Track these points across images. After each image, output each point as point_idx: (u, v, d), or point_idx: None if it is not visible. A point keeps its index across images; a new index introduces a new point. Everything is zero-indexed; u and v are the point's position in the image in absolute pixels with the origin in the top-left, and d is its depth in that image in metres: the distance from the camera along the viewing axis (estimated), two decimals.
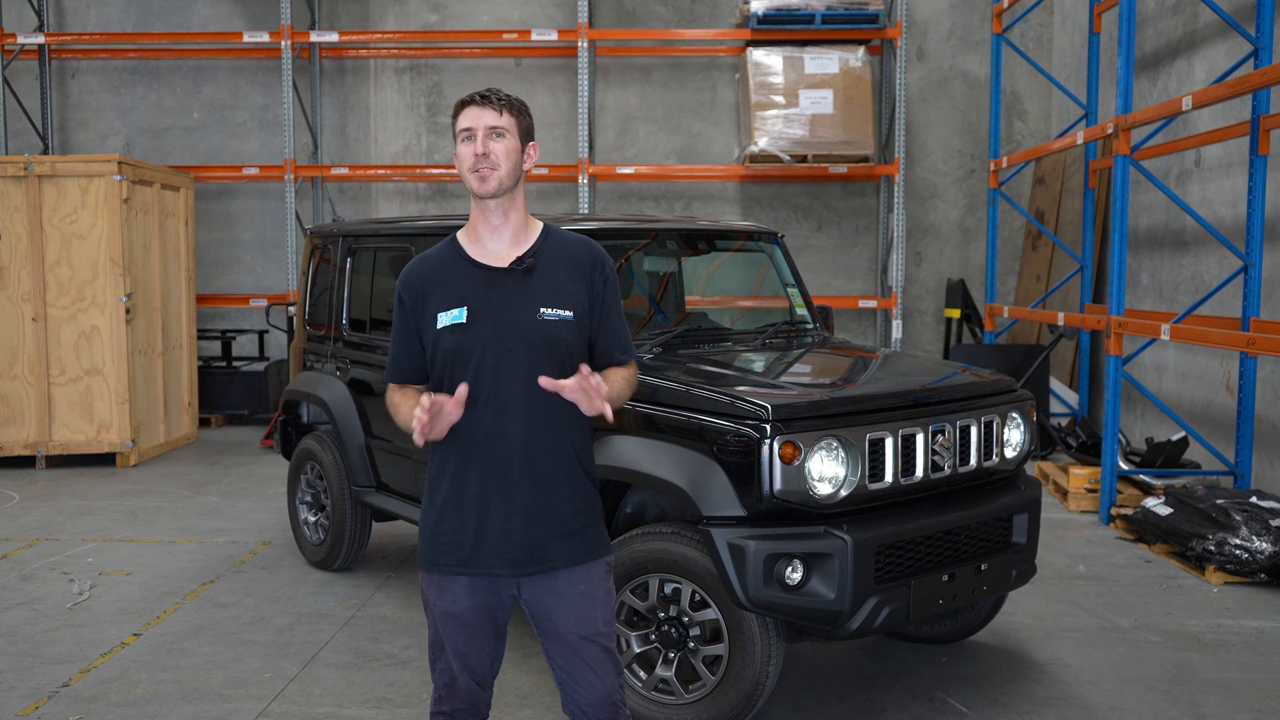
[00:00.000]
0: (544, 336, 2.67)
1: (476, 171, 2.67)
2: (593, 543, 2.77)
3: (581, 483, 2.77)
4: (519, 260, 2.72)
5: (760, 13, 9.88)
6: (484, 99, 2.69)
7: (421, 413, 2.50)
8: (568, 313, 2.70)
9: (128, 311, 8.52)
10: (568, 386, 2.51)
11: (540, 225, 2.81)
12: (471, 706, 2.82)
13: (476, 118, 2.68)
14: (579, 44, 10.26)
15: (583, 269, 2.76)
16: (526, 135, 2.74)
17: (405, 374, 2.78)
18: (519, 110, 2.73)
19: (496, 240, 2.74)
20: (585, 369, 2.52)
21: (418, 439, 2.51)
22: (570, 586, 2.72)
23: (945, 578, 3.83)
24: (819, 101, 9.86)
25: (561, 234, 2.82)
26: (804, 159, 9.86)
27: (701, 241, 5.33)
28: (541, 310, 2.68)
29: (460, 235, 2.80)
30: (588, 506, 2.78)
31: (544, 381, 2.53)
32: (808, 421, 3.64)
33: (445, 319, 2.69)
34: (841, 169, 10.01)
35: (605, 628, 2.76)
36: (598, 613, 2.75)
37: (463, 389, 2.56)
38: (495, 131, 2.68)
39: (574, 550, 2.73)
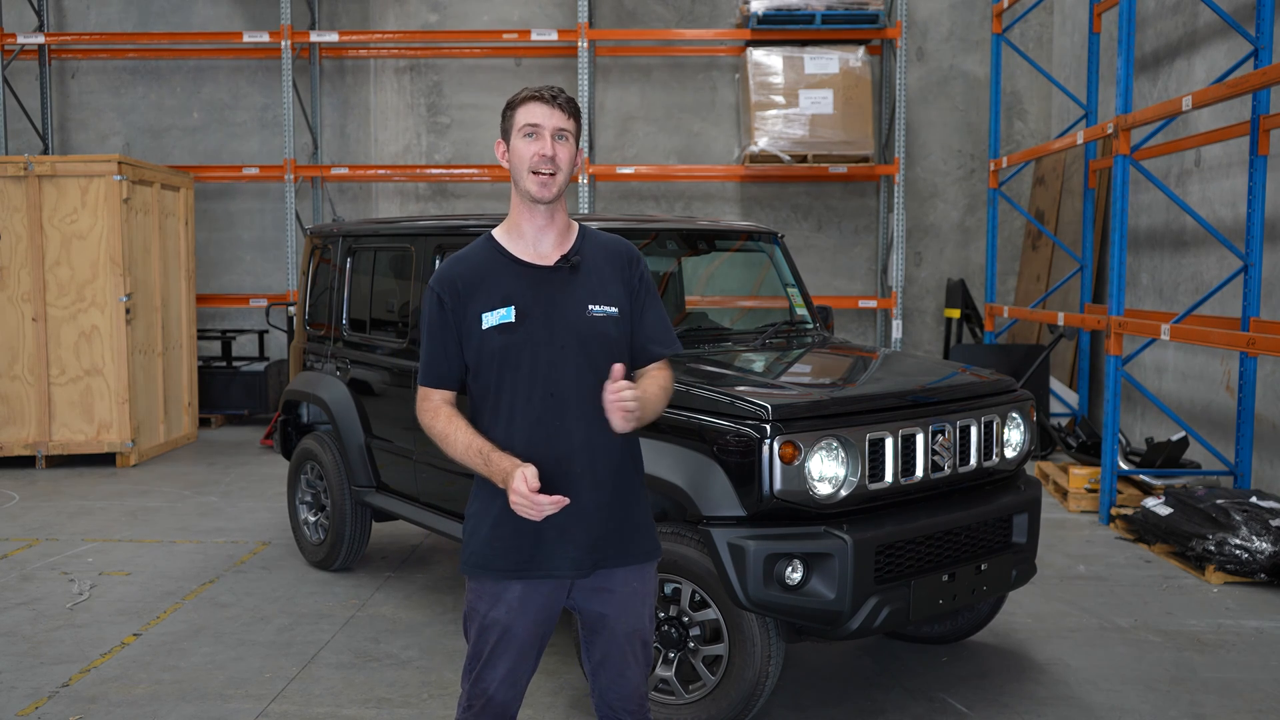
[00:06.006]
0: (594, 333, 2.67)
1: (538, 174, 2.63)
2: (647, 542, 2.77)
3: (636, 480, 2.77)
4: (565, 258, 2.70)
5: (760, 13, 9.88)
6: (553, 98, 2.65)
7: (525, 502, 2.49)
8: (613, 309, 2.71)
9: (128, 311, 8.52)
10: (613, 393, 2.51)
11: (577, 225, 2.80)
12: (501, 717, 2.76)
13: (546, 116, 2.64)
14: (579, 44, 10.26)
15: (621, 266, 2.77)
16: (579, 139, 2.72)
17: (443, 378, 2.73)
18: (579, 115, 2.71)
19: (543, 240, 2.71)
20: (613, 386, 2.51)
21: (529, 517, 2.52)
22: (625, 585, 2.73)
23: (945, 578, 3.83)
24: (819, 101, 9.86)
25: (596, 233, 2.82)
26: (804, 159, 9.86)
27: (701, 241, 5.33)
28: (590, 307, 2.68)
29: (498, 234, 2.76)
30: (642, 504, 2.78)
31: (616, 372, 2.52)
32: (808, 421, 3.64)
33: (491, 319, 2.65)
34: (841, 169, 10.01)
35: (650, 623, 2.79)
36: (646, 610, 2.77)
37: (533, 475, 2.52)
38: (561, 134, 2.64)
39: (631, 550, 2.73)
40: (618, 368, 2.54)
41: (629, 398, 2.51)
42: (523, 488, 2.49)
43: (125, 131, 11.48)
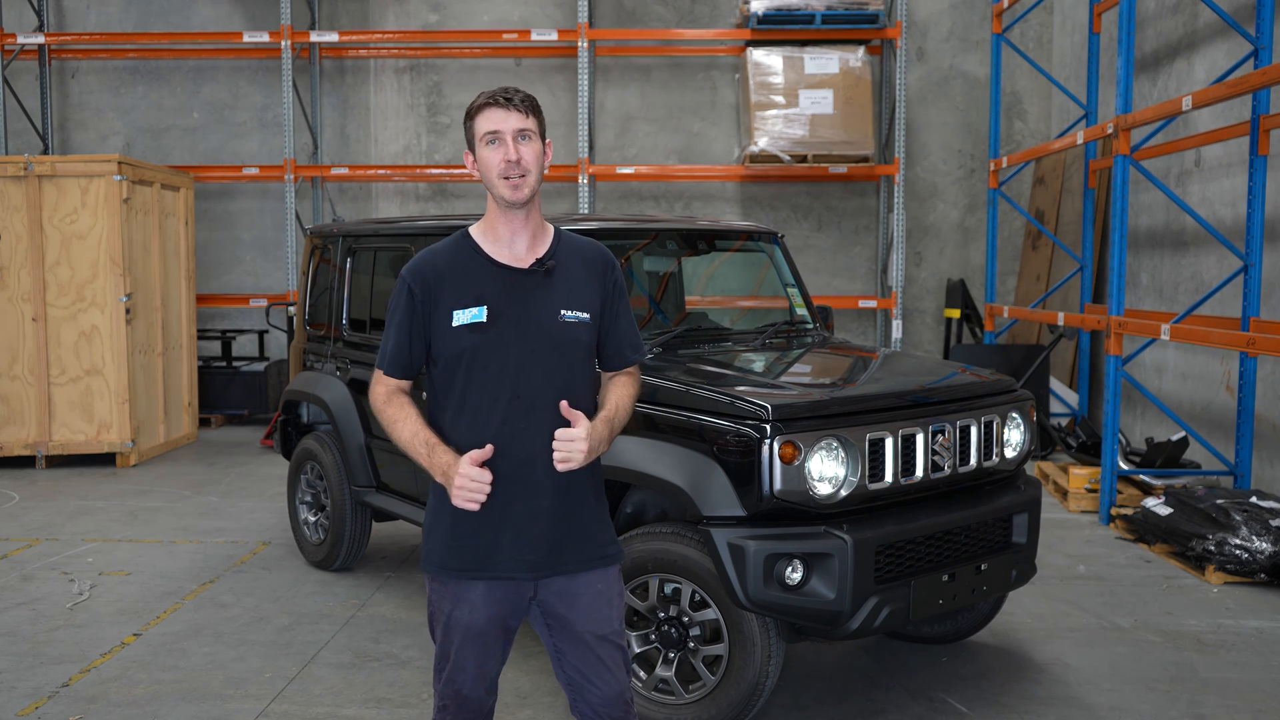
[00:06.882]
0: (565, 338, 2.68)
1: (508, 179, 2.63)
2: (608, 545, 2.79)
3: (598, 485, 2.79)
4: (540, 261, 2.71)
5: (760, 13, 9.87)
6: (507, 100, 2.64)
7: (478, 484, 2.57)
8: (585, 315, 2.72)
9: (128, 311, 8.52)
10: (570, 435, 2.60)
11: (552, 227, 2.81)
12: (477, 714, 2.80)
13: (503, 121, 2.63)
14: (579, 44, 10.26)
15: (596, 271, 2.78)
16: (544, 134, 2.72)
17: (404, 368, 2.74)
18: (538, 109, 2.70)
19: (517, 242, 2.72)
20: (568, 433, 2.59)
21: (469, 507, 2.59)
22: (589, 587, 2.73)
23: (945, 578, 3.83)
24: (819, 101, 9.86)
25: (572, 236, 2.83)
26: (804, 159, 9.86)
27: (701, 241, 5.32)
28: (563, 312, 2.69)
29: (474, 233, 2.77)
30: (602, 509, 2.80)
31: (565, 409, 2.60)
32: (808, 421, 3.63)
33: (463, 316, 2.66)
34: (841, 169, 10.01)
35: (619, 625, 2.78)
36: (614, 612, 2.77)
37: (489, 450, 2.60)
38: (523, 134, 2.64)
39: (592, 553, 2.74)
40: (573, 413, 2.60)
41: (579, 450, 2.58)
42: (470, 469, 2.56)
43: (125, 131, 11.48)
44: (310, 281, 6.18)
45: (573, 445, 2.58)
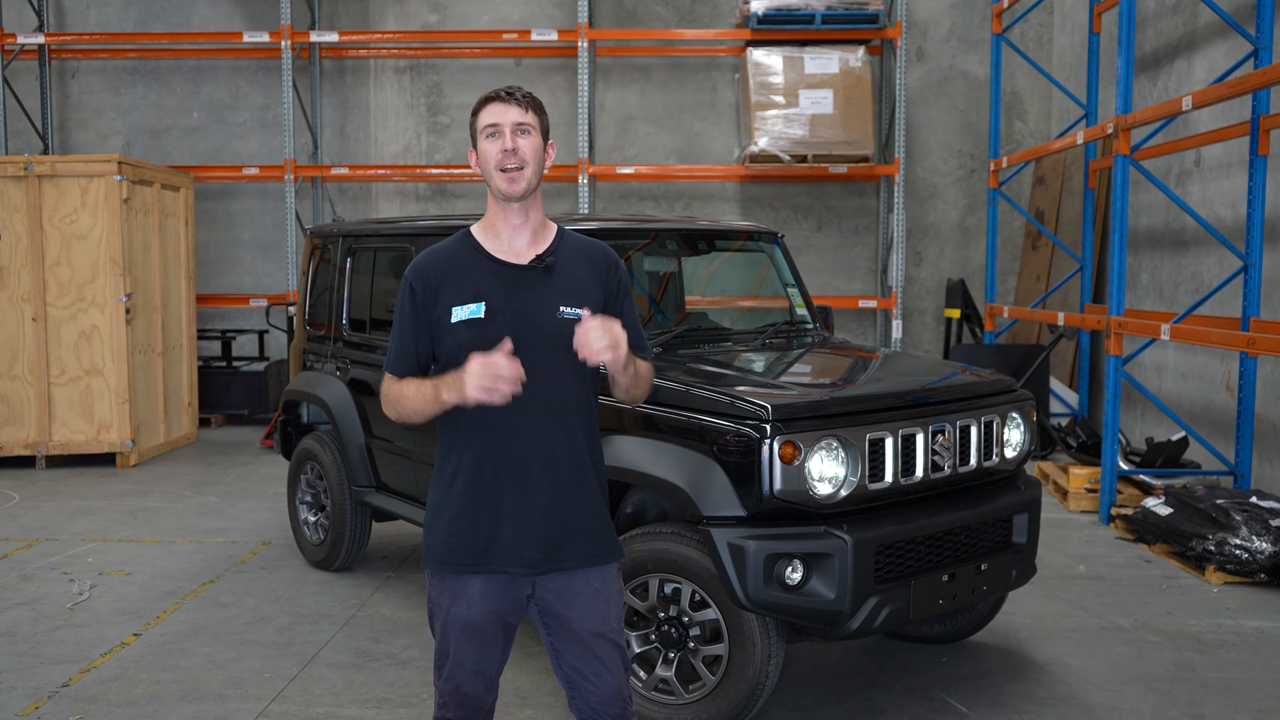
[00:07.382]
0: (563, 335, 2.67)
1: (505, 171, 2.64)
2: (607, 544, 2.78)
3: (596, 483, 2.78)
4: (539, 258, 2.71)
5: (760, 13, 9.88)
6: (509, 95, 2.67)
7: (492, 365, 2.46)
8: (585, 312, 2.70)
9: (128, 311, 8.52)
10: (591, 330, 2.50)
11: (555, 225, 2.81)
12: (477, 711, 2.80)
13: (502, 114, 2.66)
14: (579, 44, 10.26)
15: (599, 270, 2.78)
16: (546, 134, 2.73)
17: (411, 367, 2.74)
18: (540, 108, 2.72)
19: (517, 239, 2.73)
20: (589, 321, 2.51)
21: (488, 397, 2.47)
22: (586, 585, 2.73)
23: (945, 578, 3.83)
24: (819, 101, 9.86)
25: (575, 235, 2.84)
26: (804, 159, 9.86)
27: (701, 241, 5.33)
28: (561, 309, 2.68)
29: (475, 230, 2.78)
30: (601, 507, 2.79)
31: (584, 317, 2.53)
32: (808, 421, 3.63)
33: (461, 313, 2.66)
34: (841, 169, 10.01)
35: (617, 624, 2.77)
36: (611, 610, 2.76)
37: (507, 343, 2.51)
38: (521, 128, 2.66)
39: (590, 551, 2.73)
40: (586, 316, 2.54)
41: (616, 328, 2.50)
42: (482, 356, 2.47)
43: (125, 131, 11.48)
44: (310, 281, 6.18)
45: (602, 325, 2.50)
